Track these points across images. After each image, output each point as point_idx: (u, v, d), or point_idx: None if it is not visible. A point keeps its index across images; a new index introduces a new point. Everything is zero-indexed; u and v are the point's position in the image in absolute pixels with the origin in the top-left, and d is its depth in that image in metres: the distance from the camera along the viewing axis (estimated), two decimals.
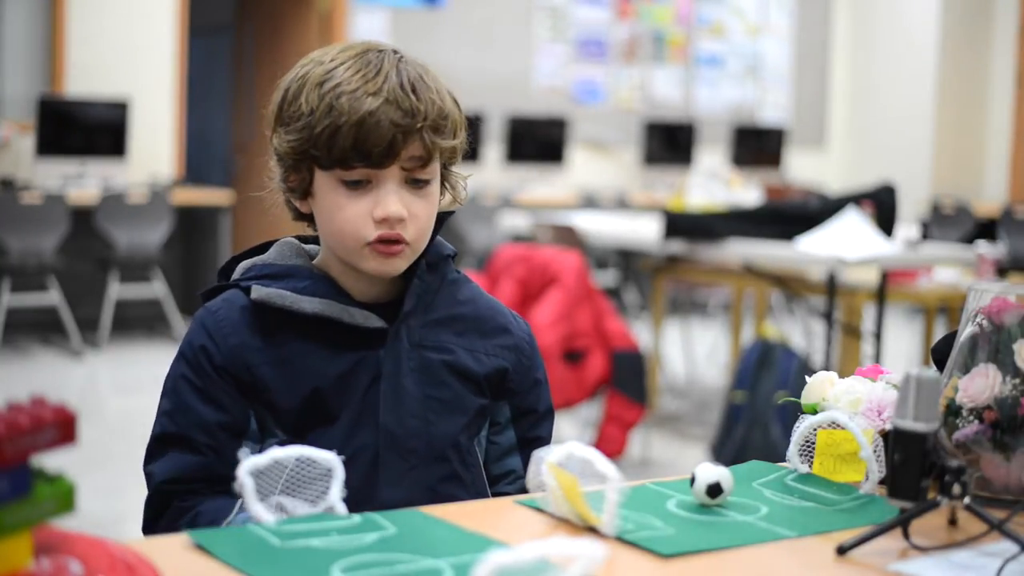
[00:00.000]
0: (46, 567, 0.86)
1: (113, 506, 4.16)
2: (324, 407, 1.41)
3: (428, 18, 8.71)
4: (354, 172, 1.39)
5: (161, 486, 1.40)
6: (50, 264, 6.70)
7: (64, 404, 0.86)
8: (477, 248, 7.84)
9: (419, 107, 1.39)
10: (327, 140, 1.38)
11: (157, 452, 1.43)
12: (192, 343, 1.44)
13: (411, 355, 1.44)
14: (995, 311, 1.31)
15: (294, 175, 1.44)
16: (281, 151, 1.43)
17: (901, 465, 1.16)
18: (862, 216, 4.58)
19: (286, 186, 1.46)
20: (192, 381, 1.42)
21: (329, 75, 1.40)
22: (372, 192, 1.40)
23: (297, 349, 1.42)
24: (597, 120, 9.48)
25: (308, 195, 1.45)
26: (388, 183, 1.40)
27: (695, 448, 5.10)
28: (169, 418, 1.43)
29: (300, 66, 1.45)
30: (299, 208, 1.48)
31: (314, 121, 1.38)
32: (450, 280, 1.51)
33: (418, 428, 1.43)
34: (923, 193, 9.83)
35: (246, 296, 1.44)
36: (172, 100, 7.80)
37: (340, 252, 1.44)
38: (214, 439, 1.40)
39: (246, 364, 1.41)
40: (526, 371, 1.53)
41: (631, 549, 1.14)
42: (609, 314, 4.61)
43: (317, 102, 1.38)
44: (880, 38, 10.53)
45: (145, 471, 1.44)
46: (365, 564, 1.05)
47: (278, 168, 1.46)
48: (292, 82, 1.43)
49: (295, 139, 1.40)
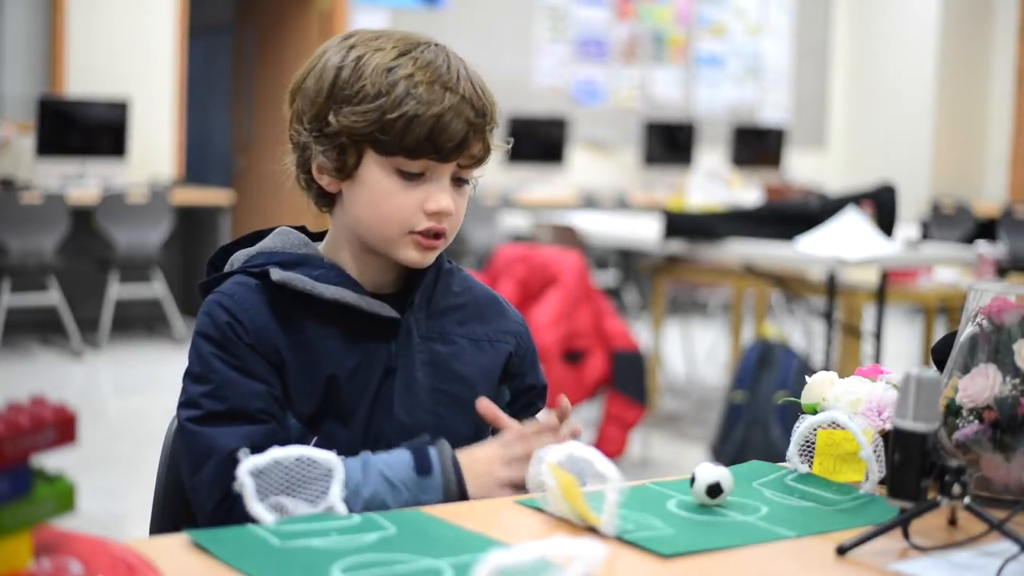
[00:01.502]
0: (46, 567, 0.86)
1: (113, 506, 4.16)
2: (339, 399, 1.40)
3: (428, 18, 8.71)
4: (417, 164, 1.38)
5: (235, 455, 1.26)
6: (50, 264, 6.70)
7: (64, 404, 0.86)
8: (477, 248, 7.84)
9: (488, 108, 1.41)
10: (402, 128, 1.36)
11: (212, 432, 1.33)
12: (215, 322, 1.38)
13: (421, 348, 1.44)
14: (995, 311, 1.31)
15: (337, 153, 1.40)
16: (337, 128, 1.38)
17: (901, 465, 1.16)
18: (862, 216, 4.58)
19: (326, 163, 1.41)
20: (225, 359, 1.36)
21: (397, 63, 1.38)
22: (424, 184, 1.40)
23: (313, 335, 1.40)
24: (597, 120, 9.48)
25: (348, 177, 1.41)
26: (443, 178, 1.40)
27: (695, 448, 5.10)
28: (213, 398, 1.35)
29: (345, 45, 1.41)
30: (325, 188, 1.43)
31: (386, 105, 1.36)
32: (446, 270, 1.51)
33: (429, 422, 1.43)
34: (923, 193, 9.83)
35: (258, 280, 1.41)
36: (172, 100, 7.79)
37: (373, 236, 1.42)
38: (271, 407, 1.35)
39: (273, 345, 1.38)
40: (525, 352, 1.55)
41: (631, 549, 1.14)
42: (609, 314, 4.61)
43: (388, 87, 1.36)
44: (880, 38, 10.53)
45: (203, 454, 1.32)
46: (365, 564, 1.05)
47: (314, 144, 1.41)
48: (344, 62, 1.39)
49: (360, 120, 1.37)
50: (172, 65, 7.78)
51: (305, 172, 1.45)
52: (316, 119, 1.41)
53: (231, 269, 1.46)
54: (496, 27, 9.02)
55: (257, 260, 1.45)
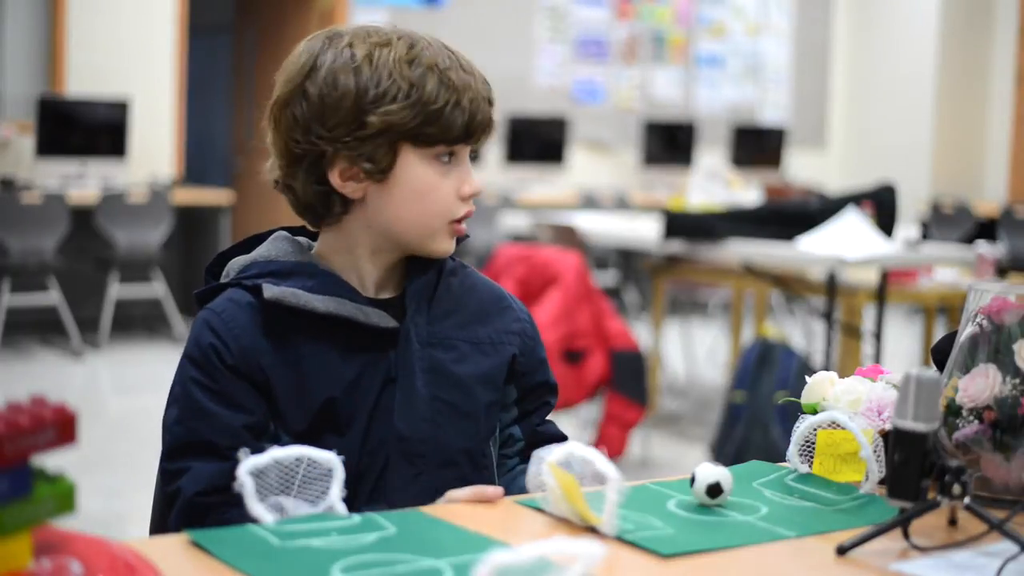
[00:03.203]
0: (46, 567, 0.86)
1: (113, 506, 4.16)
2: (336, 415, 1.38)
3: (428, 18, 8.71)
4: (451, 148, 1.39)
5: (195, 499, 1.32)
6: (50, 264, 6.70)
7: (64, 404, 0.85)
8: (477, 248, 7.84)
9: (489, 85, 1.43)
10: (448, 115, 1.36)
11: (178, 466, 1.34)
12: (199, 344, 1.37)
13: (421, 355, 1.42)
14: (995, 311, 1.31)
15: (374, 154, 1.37)
16: (379, 127, 1.35)
17: (901, 465, 1.16)
18: (862, 216, 4.58)
19: (362, 166, 1.37)
20: (204, 384, 1.35)
21: (413, 55, 1.38)
22: (455, 169, 1.41)
23: (308, 351, 1.38)
24: (597, 120, 9.48)
25: (384, 177, 1.38)
26: (467, 160, 1.42)
27: (695, 448, 5.10)
28: (184, 426, 1.35)
29: (338, 47, 1.38)
30: (348, 194, 1.39)
31: (425, 96, 1.35)
32: (448, 270, 1.49)
33: (428, 432, 1.41)
34: (923, 193, 9.83)
35: (250, 295, 1.39)
36: (172, 100, 7.79)
37: (414, 233, 1.40)
38: (238, 441, 1.30)
39: (259, 365, 1.36)
40: (531, 352, 1.52)
41: (631, 549, 1.14)
42: (609, 314, 4.61)
43: (419, 80, 1.36)
44: (880, 38, 10.53)
45: (168, 491, 1.35)
46: (365, 564, 1.05)
47: (343, 149, 1.36)
48: (358, 61, 1.36)
49: (401, 115, 1.35)
50: (172, 65, 7.78)
51: (318, 183, 1.39)
52: (344, 123, 1.36)
53: (227, 278, 1.44)
54: (496, 27, 9.01)
55: (251, 271, 1.42)
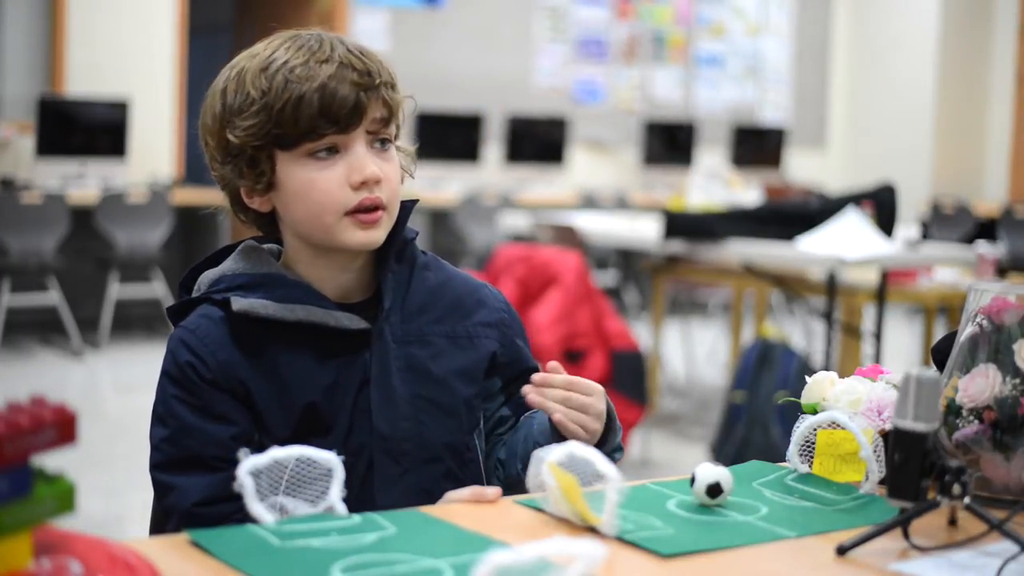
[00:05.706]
0: (46, 567, 0.86)
1: (113, 506, 4.16)
2: (317, 419, 1.38)
3: (428, 18, 8.71)
4: (323, 141, 1.36)
5: (193, 510, 1.32)
6: (50, 264, 6.70)
7: (64, 404, 0.85)
8: (477, 248, 7.84)
9: (372, 66, 1.38)
10: (292, 113, 1.35)
11: (170, 481, 1.35)
12: (176, 362, 1.37)
13: (397, 354, 1.42)
14: (995, 311, 1.31)
15: (251, 169, 1.39)
16: (238, 143, 1.37)
17: (901, 465, 1.16)
18: (862, 216, 4.58)
19: (246, 184, 1.41)
20: (186, 400, 1.36)
21: (270, 59, 1.38)
22: (342, 160, 1.38)
23: (283, 360, 1.38)
24: (597, 120, 9.48)
25: (271, 187, 1.40)
26: (357, 147, 1.38)
27: (695, 448, 5.10)
28: (171, 443, 1.35)
29: (229, 68, 1.42)
30: (258, 209, 1.43)
31: (271, 100, 1.35)
32: (420, 265, 1.49)
33: (409, 430, 1.42)
34: (923, 193, 9.83)
35: (221, 310, 1.39)
36: (172, 100, 7.80)
37: (317, 233, 1.39)
38: (227, 452, 1.29)
39: (238, 378, 1.37)
40: (510, 343, 1.53)
41: (631, 549, 1.14)
42: (609, 314, 4.61)
43: (267, 83, 1.36)
44: (880, 38, 10.53)
45: (164, 505, 1.36)
46: (365, 564, 1.05)
47: (229, 172, 1.40)
48: (227, 82, 1.40)
49: (253, 123, 1.36)
50: (172, 65, 7.78)
51: (239, 205, 1.44)
52: (220, 147, 1.40)
53: (198, 293, 1.44)
54: (496, 27, 9.01)
55: (220, 285, 1.42)
